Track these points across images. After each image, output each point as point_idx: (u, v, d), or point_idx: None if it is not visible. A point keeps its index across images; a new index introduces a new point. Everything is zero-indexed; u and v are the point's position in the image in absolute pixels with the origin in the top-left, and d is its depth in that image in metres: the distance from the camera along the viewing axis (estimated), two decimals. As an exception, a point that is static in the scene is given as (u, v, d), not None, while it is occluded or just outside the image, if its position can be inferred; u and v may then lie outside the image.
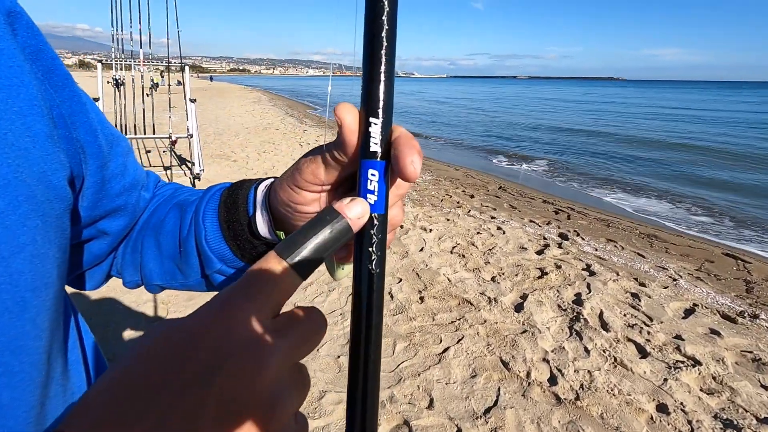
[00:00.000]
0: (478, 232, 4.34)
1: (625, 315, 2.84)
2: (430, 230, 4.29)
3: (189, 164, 6.35)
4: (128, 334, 2.42)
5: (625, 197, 7.18)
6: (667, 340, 2.56)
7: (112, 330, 2.46)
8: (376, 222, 0.29)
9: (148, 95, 5.77)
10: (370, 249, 0.29)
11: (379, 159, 0.29)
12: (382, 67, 0.28)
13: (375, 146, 0.29)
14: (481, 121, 19.02)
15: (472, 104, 30.39)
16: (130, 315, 2.62)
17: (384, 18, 0.28)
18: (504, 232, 4.38)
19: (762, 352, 2.50)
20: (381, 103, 0.29)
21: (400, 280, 3.23)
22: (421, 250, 3.81)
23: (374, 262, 0.28)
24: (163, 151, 7.54)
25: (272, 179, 0.41)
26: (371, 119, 0.29)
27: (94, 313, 2.59)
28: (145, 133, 5.88)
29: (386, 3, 0.28)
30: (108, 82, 5.44)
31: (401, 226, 4.31)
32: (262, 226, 0.40)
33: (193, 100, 5.62)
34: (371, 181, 0.29)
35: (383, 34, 0.28)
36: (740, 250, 4.62)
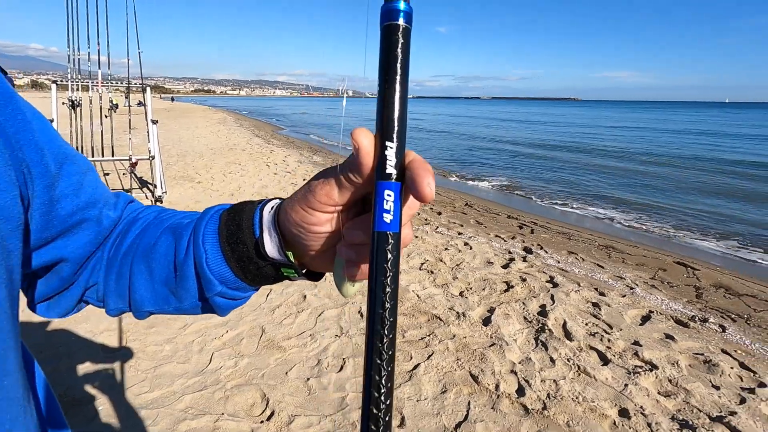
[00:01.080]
0: (445, 248, 4.42)
1: (587, 324, 2.94)
2: (399, 248, 4.32)
3: (151, 186, 6.15)
4: (83, 367, 2.29)
5: (584, 210, 7.51)
6: (626, 346, 2.67)
7: (65, 363, 2.31)
8: (391, 240, 0.31)
9: (106, 116, 5.60)
10: (386, 266, 0.31)
11: (394, 180, 0.31)
12: (397, 95, 0.31)
13: (391, 168, 0.31)
14: (446, 139, 19.52)
15: (437, 124, 31.19)
16: (86, 346, 2.48)
17: (399, 50, 0.31)
18: (471, 248, 4.47)
19: (712, 354, 2.65)
20: (396, 129, 0.31)
21: (370, 298, 3.22)
22: (391, 267, 3.82)
23: (389, 279, 0.30)
24: (123, 174, 7.29)
25: (277, 200, 0.41)
26: (387, 143, 0.31)
27: (44, 346, 2.44)
28: (103, 156, 5.67)
29: (400, 36, 0.31)
30: (63, 104, 5.25)
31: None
32: (270, 247, 0.39)
33: (155, 122, 5.50)
34: (387, 201, 0.31)
35: (398, 65, 0.30)
36: (690, 258, 4.91)
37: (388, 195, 0.31)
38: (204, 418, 1.96)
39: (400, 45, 0.31)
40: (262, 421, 1.97)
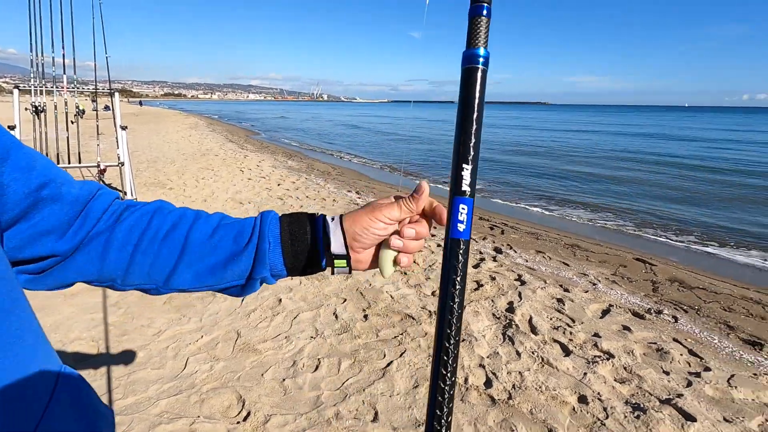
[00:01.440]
0: (419, 250, 4.52)
1: (551, 319, 3.10)
2: (374, 250, 4.41)
3: (121, 193, 6.03)
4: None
5: (552, 211, 7.80)
6: (586, 338, 2.84)
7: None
8: (462, 246, 0.39)
9: (72, 122, 5.47)
10: (457, 266, 0.39)
11: (468, 196, 0.40)
12: (474, 127, 0.40)
13: (466, 186, 0.40)
14: (421, 144, 19.80)
15: (413, 128, 31.50)
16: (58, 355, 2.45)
17: (477, 91, 0.39)
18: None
19: (664, 343, 2.84)
20: (471, 154, 0.40)
21: (345, 300, 3.29)
22: (365, 270, 3.90)
23: (459, 278, 0.39)
24: (90, 181, 7.09)
25: (332, 215, 0.57)
26: (464, 165, 0.40)
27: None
28: (69, 162, 5.53)
29: (479, 78, 0.39)
30: (26, 109, 5.10)
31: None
32: (335, 245, 0.54)
33: (124, 128, 5.40)
34: (461, 213, 0.40)
35: (476, 102, 0.39)
36: (649, 254, 5.20)
37: (462, 208, 0.40)
38: (180, 422, 1.98)
39: (478, 86, 0.40)
40: (238, 422, 2.01)
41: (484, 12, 0.39)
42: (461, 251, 0.40)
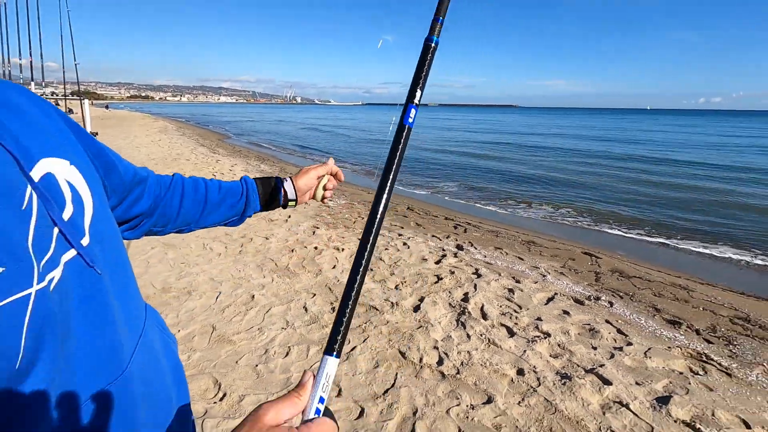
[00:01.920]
0: (386, 249, 4.83)
1: (501, 306, 3.45)
2: (343, 249, 4.67)
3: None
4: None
5: (512, 210, 8.27)
6: (529, 322, 3.20)
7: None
8: (405, 131, 0.64)
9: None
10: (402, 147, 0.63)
11: (414, 104, 0.64)
12: (423, 76, 0.64)
13: (416, 100, 0.64)
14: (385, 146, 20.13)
15: (386, 134, 31.87)
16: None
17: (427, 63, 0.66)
18: (408, 247, 4.92)
19: (597, 324, 3.24)
20: (419, 96, 0.64)
21: (314, 294, 3.55)
22: (334, 267, 4.17)
23: (398, 159, 0.64)
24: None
25: (285, 177, 0.99)
26: (413, 102, 0.64)
27: None
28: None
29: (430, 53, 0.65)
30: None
31: (315, 247, 4.64)
32: (290, 192, 0.96)
33: (94, 134, 5.47)
34: (411, 114, 0.65)
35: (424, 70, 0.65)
36: (597, 248, 5.67)
37: (413, 112, 0.65)
38: (161, 404, 2.19)
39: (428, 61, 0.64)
40: (215, 402, 2.24)
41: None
42: (404, 136, 0.62)
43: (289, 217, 6.00)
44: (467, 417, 2.17)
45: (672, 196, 9.79)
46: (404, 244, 5.05)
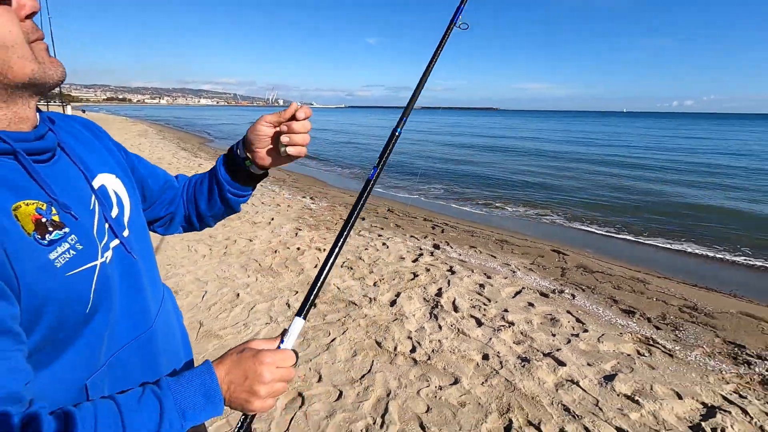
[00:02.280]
0: (366, 248, 5.05)
1: (471, 300, 3.72)
2: (324, 250, 4.88)
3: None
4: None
5: (487, 210, 8.60)
6: (497, 313, 3.46)
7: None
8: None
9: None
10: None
11: None
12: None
13: None
14: (370, 150, 20.42)
15: (369, 137, 32.16)
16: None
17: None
18: (387, 247, 5.15)
19: (558, 314, 3.52)
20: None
21: (297, 292, 3.75)
22: (315, 266, 4.37)
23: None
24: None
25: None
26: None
27: None
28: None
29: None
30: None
31: (298, 248, 4.83)
32: (239, 150, 0.89)
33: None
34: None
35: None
36: (566, 246, 6.01)
37: None
38: (153, 392, 2.37)
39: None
40: (204, 390, 2.42)
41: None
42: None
43: (272, 219, 6.17)
44: (435, 396, 2.41)
45: (642, 198, 10.30)
46: (383, 244, 5.28)
